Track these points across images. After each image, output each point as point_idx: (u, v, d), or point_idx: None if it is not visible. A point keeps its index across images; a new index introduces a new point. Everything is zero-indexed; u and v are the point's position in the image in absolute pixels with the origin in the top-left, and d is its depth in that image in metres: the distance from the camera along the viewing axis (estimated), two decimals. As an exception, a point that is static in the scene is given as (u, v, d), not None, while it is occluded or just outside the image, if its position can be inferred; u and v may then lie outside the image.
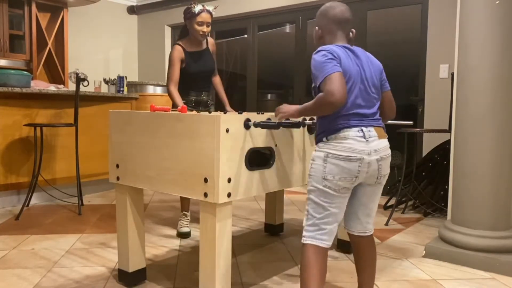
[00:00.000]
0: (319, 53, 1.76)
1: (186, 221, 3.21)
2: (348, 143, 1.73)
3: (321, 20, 1.91)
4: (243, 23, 5.98)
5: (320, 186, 1.76)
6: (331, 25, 1.89)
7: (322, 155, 1.76)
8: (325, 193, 1.76)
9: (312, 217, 1.80)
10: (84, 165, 4.28)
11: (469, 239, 2.63)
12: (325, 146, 1.77)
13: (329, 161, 1.74)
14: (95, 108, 4.48)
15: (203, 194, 1.84)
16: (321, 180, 1.76)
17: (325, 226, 1.79)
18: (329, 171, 1.74)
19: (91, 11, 6.40)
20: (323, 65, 1.70)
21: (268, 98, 6.27)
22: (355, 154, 1.73)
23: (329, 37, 1.89)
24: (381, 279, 2.43)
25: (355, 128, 1.75)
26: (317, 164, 1.77)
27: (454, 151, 2.84)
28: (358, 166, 1.74)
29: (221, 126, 1.79)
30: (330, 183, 1.75)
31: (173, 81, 3.05)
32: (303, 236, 1.82)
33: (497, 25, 2.56)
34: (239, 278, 2.41)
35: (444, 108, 4.18)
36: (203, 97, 3.25)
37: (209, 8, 3.03)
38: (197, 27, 3.02)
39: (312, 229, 1.80)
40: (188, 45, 3.14)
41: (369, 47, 4.89)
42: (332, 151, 1.74)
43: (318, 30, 1.93)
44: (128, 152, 2.17)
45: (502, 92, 2.58)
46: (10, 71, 3.88)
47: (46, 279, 2.36)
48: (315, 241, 1.78)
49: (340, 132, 1.75)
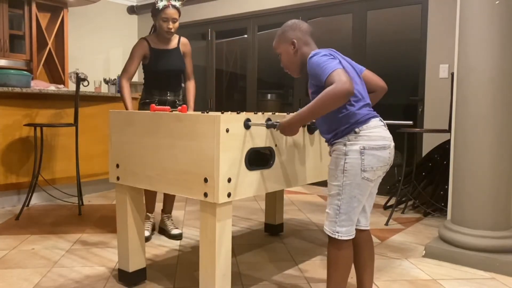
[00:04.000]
0: (317, 55, 1.77)
1: (149, 224, 3.17)
2: (378, 132, 1.79)
3: (294, 34, 1.91)
4: (243, 23, 5.98)
5: (358, 179, 1.77)
6: (306, 36, 1.92)
7: (358, 148, 1.76)
8: (361, 185, 1.78)
9: (346, 211, 1.79)
10: (84, 165, 4.28)
11: (469, 239, 2.63)
12: (358, 138, 1.77)
13: (367, 152, 1.76)
14: (95, 108, 4.48)
15: (203, 194, 1.84)
16: (359, 173, 1.76)
17: (355, 217, 1.83)
18: (368, 163, 1.76)
19: (91, 11, 6.40)
20: (325, 64, 1.71)
21: (268, 98, 6.28)
22: (386, 141, 1.80)
23: (306, 48, 1.91)
24: (381, 279, 2.43)
25: (377, 118, 1.83)
26: (353, 158, 1.76)
27: (454, 151, 2.84)
28: (389, 153, 1.81)
29: (221, 126, 1.79)
30: (369, 174, 1.77)
31: (127, 73, 2.97)
32: (336, 232, 1.80)
33: (497, 25, 2.56)
34: (239, 278, 2.41)
35: (444, 108, 4.18)
36: (168, 97, 3.08)
37: (175, 3, 2.88)
38: (162, 23, 2.91)
39: (346, 223, 1.80)
40: (155, 42, 3.02)
41: (369, 47, 4.89)
42: (367, 142, 1.76)
43: (293, 44, 1.91)
44: (128, 152, 2.17)
45: (502, 92, 2.58)
46: (10, 71, 3.88)
47: (46, 279, 2.36)
48: (349, 235, 1.81)
49: (368, 122, 1.78)
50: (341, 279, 1.83)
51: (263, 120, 1.97)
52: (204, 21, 6.23)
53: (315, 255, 2.80)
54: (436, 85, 4.36)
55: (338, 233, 1.80)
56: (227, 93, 6.91)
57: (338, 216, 1.80)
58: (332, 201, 1.82)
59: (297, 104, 5.44)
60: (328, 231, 1.82)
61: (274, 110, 6.16)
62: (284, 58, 1.96)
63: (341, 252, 1.82)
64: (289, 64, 1.96)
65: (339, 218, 1.80)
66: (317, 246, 2.99)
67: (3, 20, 5.23)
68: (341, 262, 1.82)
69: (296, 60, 1.92)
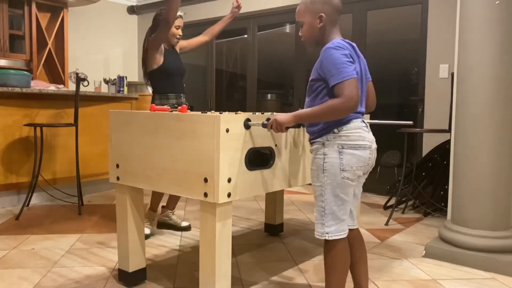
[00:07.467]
0: (338, 50, 1.69)
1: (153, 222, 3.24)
2: (358, 132, 1.77)
3: (324, 8, 1.79)
4: (243, 23, 5.98)
5: (338, 179, 1.76)
6: (335, 14, 1.82)
7: (336, 148, 1.76)
8: (342, 185, 1.77)
9: (331, 211, 1.79)
10: (84, 165, 4.28)
11: (469, 239, 2.63)
12: (337, 138, 1.76)
13: (345, 152, 1.75)
14: (95, 108, 4.48)
15: (203, 194, 1.84)
16: (339, 172, 1.76)
17: (343, 217, 1.81)
18: (347, 162, 1.75)
19: (91, 11, 6.40)
20: (343, 66, 1.66)
21: (268, 98, 6.28)
22: (366, 142, 1.78)
23: (330, 28, 1.81)
24: (381, 279, 2.43)
25: (359, 119, 1.81)
26: (332, 157, 1.76)
27: (454, 151, 2.84)
28: (369, 153, 1.80)
29: (221, 126, 1.79)
30: (348, 173, 1.76)
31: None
32: (325, 233, 1.79)
33: (497, 25, 2.56)
34: (239, 278, 2.41)
35: (444, 108, 4.18)
36: (182, 99, 3.20)
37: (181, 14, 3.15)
38: (175, 31, 3.12)
39: (333, 223, 1.79)
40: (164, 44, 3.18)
41: (369, 47, 4.89)
42: (346, 141, 1.75)
43: (320, 18, 1.79)
44: (128, 152, 2.17)
45: (502, 92, 2.58)
46: (10, 71, 3.88)
47: (46, 279, 2.36)
48: (340, 234, 1.80)
49: (349, 123, 1.77)
50: (339, 281, 1.83)
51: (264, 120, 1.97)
52: (204, 21, 6.22)
53: (315, 255, 2.80)
54: (436, 85, 4.36)
55: (327, 233, 1.79)
56: (227, 93, 6.91)
57: (324, 217, 1.80)
58: (317, 203, 1.83)
59: (297, 104, 5.44)
60: (318, 234, 1.82)
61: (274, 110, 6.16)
62: (306, 29, 1.85)
63: (336, 253, 1.80)
64: (309, 38, 1.85)
65: (325, 218, 1.80)
66: (317, 246, 2.99)
67: (3, 20, 5.23)
68: (337, 263, 1.81)
69: (317, 35, 1.82)
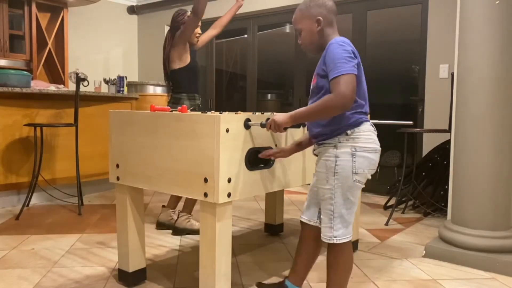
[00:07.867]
0: (342, 46, 1.68)
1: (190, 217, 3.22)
2: (369, 135, 1.77)
3: (320, 11, 1.79)
4: (243, 23, 5.98)
5: (350, 182, 1.75)
6: (331, 16, 1.81)
7: (349, 150, 1.74)
8: (353, 187, 1.76)
9: (339, 214, 1.77)
10: (84, 165, 4.28)
11: (469, 239, 2.63)
12: (350, 140, 1.74)
13: (358, 154, 1.74)
14: (95, 108, 4.48)
15: (203, 194, 1.84)
16: (350, 176, 1.74)
17: (351, 219, 1.81)
18: (359, 165, 1.74)
19: (91, 11, 6.40)
20: (343, 61, 1.64)
21: (268, 98, 6.28)
22: (376, 145, 1.79)
23: (329, 29, 1.81)
24: (381, 279, 2.43)
25: (368, 122, 1.81)
26: (344, 160, 1.74)
27: (454, 151, 2.84)
28: (378, 156, 1.81)
29: (221, 126, 1.79)
30: (360, 176, 1.76)
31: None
32: (333, 237, 1.78)
33: (497, 25, 2.56)
34: (239, 278, 2.41)
35: (444, 108, 4.18)
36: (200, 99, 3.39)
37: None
38: (196, 30, 3.22)
39: (341, 226, 1.78)
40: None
41: (369, 47, 4.89)
42: (359, 144, 1.74)
43: (318, 21, 1.79)
44: (128, 152, 2.17)
45: (502, 92, 2.58)
46: (10, 71, 3.88)
47: (46, 279, 2.36)
48: (347, 237, 1.80)
49: (361, 125, 1.76)
50: (343, 281, 1.83)
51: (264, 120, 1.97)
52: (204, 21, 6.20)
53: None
54: (436, 85, 4.36)
55: (336, 237, 1.78)
56: (227, 93, 6.91)
57: (332, 221, 1.78)
58: (325, 206, 1.80)
59: (297, 104, 5.44)
60: (326, 238, 1.80)
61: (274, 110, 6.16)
62: (305, 35, 1.83)
63: (342, 255, 1.80)
64: (309, 43, 1.84)
65: (334, 222, 1.78)
66: (317, 246, 2.98)
67: (3, 20, 5.23)
68: (341, 265, 1.81)
69: (317, 39, 1.81)
